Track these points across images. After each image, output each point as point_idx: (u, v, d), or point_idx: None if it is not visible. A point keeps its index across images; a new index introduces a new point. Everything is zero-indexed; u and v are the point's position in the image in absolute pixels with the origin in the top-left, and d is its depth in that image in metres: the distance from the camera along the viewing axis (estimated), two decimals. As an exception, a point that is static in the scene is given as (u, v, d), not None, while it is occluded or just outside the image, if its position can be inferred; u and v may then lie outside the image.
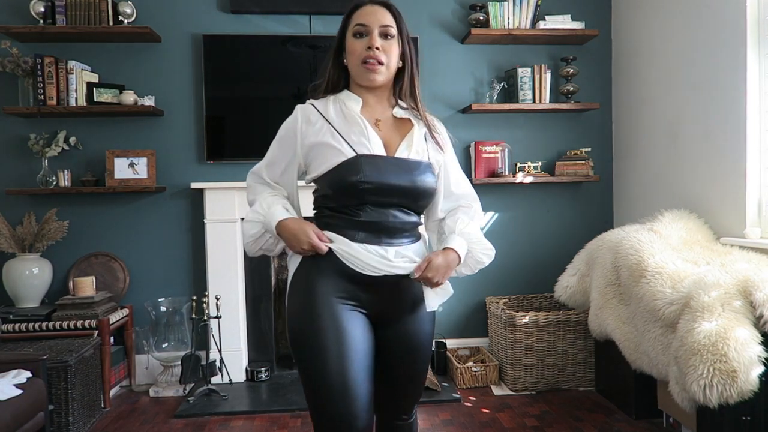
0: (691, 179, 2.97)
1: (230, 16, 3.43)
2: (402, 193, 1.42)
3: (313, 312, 1.38)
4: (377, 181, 1.39)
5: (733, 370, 1.88)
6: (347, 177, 1.39)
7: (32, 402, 2.17)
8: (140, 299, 3.38)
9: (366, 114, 1.48)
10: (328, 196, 1.45)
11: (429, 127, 1.53)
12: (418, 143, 1.49)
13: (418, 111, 1.52)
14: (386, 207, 1.42)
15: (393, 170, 1.42)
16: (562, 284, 3.08)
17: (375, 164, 1.41)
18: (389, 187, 1.41)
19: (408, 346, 1.50)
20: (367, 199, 1.40)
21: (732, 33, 2.64)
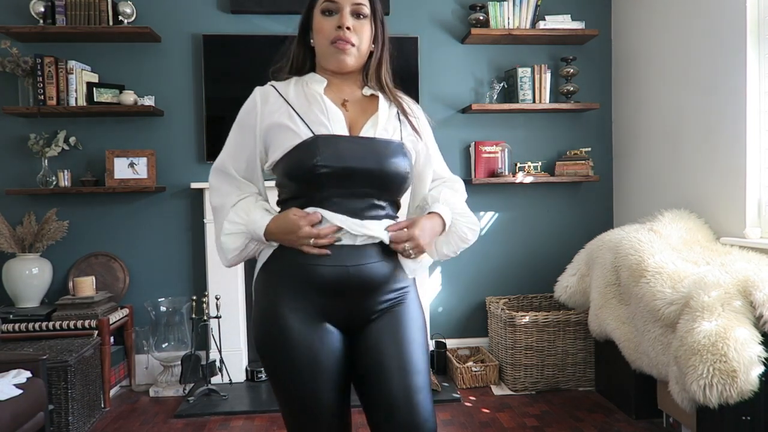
0: (691, 179, 2.97)
1: (230, 16, 3.43)
2: (367, 178, 1.26)
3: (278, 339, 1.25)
4: (337, 165, 1.23)
5: (733, 370, 1.88)
6: (303, 161, 1.23)
7: (32, 402, 2.17)
8: (140, 299, 3.38)
9: (331, 94, 1.33)
10: (286, 187, 1.31)
11: (402, 109, 1.37)
12: (387, 121, 1.33)
13: (387, 93, 1.37)
14: (353, 198, 1.27)
15: (356, 151, 1.25)
16: (562, 284, 3.08)
17: (334, 145, 1.24)
18: (351, 171, 1.24)
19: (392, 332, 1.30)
20: (328, 187, 1.25)
21: (732, 33, 2.64)
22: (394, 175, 1.28)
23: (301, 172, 1.23)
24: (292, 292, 1.27)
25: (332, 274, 1.26)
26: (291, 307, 1.26)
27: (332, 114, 1.29)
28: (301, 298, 1.27)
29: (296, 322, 1.26)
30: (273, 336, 1.27)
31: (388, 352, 1.29)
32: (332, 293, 1.27)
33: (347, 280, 1.26)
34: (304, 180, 1.24)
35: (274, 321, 1.27)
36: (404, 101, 1.40)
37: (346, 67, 1.33)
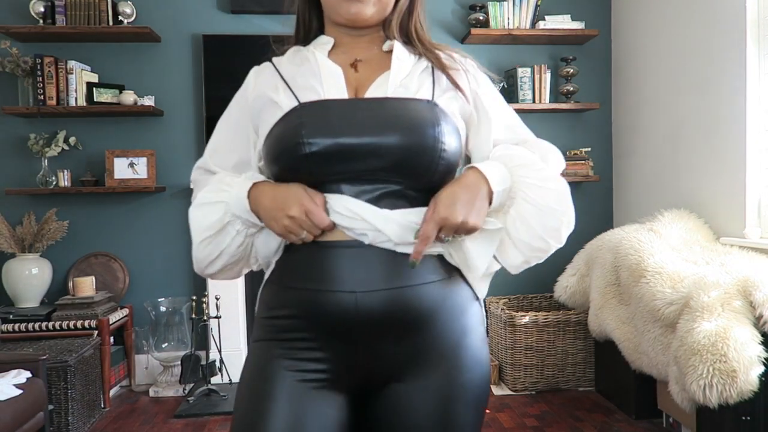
0: (691, 179, 2.97)
1: (230, 16, 3.43)
2: (375, 156, 0.86)
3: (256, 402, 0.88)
4: (328, 141, 0.85)
5: (733, 370, 1.88)
6: (285, 139, 0.88)
7: (32, 402, 2.17)
8: (140, 299, 3.38)
9: (339, 55, 0.98)
10: (272, 179, 0.95)
11: (439, 62, 0.96)
12: (407, 75, 0.94)
13: (416, 46, 0.99)
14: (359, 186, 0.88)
15: (356, 119, 0.87)
16: (562, 284, 3.08)
17: (324, 113, 0.88)
18: (348, 149, 0.85)
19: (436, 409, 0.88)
20: (321, 173, 0.87)
21: (732, 33, 2.64)
22: (417, 149, 0.86)
23: (284, 155, 0.88)
24: (290, 330, 0.90)
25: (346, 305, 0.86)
26: (284, 359, 0.89)
27: (327, 73, 0.93)
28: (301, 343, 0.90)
29: (285, 386, 0.88)
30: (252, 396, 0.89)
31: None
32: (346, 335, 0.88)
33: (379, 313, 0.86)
34: (289, 166, 0.88)
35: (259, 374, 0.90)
36: (444, 52, 0.99)
37: (362, 19, 0.95)
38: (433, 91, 0.93)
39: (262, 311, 0.96)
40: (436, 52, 0.98)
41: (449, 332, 0.90)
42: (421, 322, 0.88)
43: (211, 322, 3.25)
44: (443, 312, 0.89)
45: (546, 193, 0.88)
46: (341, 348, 0.89)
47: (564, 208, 0.89)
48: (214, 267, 0.97)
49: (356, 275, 0.86)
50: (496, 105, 1.01)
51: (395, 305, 0.86)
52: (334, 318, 0.87)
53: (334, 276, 0.87)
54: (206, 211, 0.93)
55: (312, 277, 0.89)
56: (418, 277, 0.87)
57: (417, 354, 0.89)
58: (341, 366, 0.90)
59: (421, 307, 0.87)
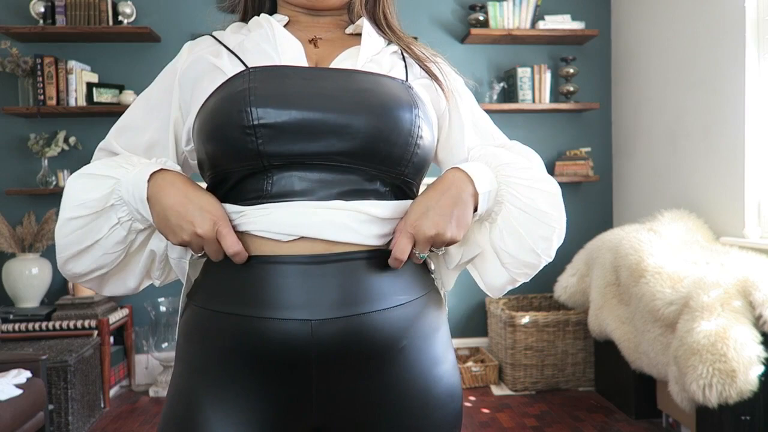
0: (690, 179, 2.97)
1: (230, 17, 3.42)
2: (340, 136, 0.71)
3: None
4: (283, 111, 0.70)
5: (733, 369, 1.89)
6: (225, 109, 0.71)
7: (32, 402, 2.17)
8: (140, 299, 3.38)
9: (295, 32, 0.83)
10: (205, 165, 0.76)
11: (410, 49, 0.85)
12: (377, 55, 0.81)
13: (385, 32, 0.86)
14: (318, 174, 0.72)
15: (319, 90, 0.72)
16: (562, 284, 3.08)
17: (279, 80, 0.73)
18: (309, 124, 0.70)
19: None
20: (271, 155, 0.70)
21: (732, 33, 2.64)
22: (390, 133, 0.71)
23: (224, 128, 0.70)
24: (221, 369, 0.71)
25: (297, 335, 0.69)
26: (214, 410, 0.70)
27: (283, 41, 0.78)
28: (236, 387, 0.71)
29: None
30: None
31: None
32: (296, 374, 0.71)
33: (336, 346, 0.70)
34: (229, 142, 0.70)
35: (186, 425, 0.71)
36: (415, 45, 0.88)
37: (324, 4, 0.84)
38: (407, 74, 0.81)
39: (182, 343, 0.76)
40: (406, 40, 0.86)
41: (419, 364, 0.75)
42: (387, 355, 0.72)
43: (211, 322, 3.25)
44: (412, 340, 0.74)
45: (537, 195, 0.75)
46: (289, 390, 0.71)
47: (557, 214, 0.77)
48: (79, 263, 0.74)
49: (308, 297, 0.69)
50: (471, 107, 0.88)
51: (357, 335, 0.70)
52: (280, 352, 0.69)
53: (280, 299, 0.69)
54: (88, 185, 0.72)
55: (249, 299, 0.70)
56: (385, 300, 0.71)
57: (383, 392, 0.74)
58: (290, 413, 0.72)
59: (388, 336, 0.72)
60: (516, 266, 0.77)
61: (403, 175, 0.75)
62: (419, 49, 0.87)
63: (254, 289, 0.70)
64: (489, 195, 0.75)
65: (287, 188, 0.71)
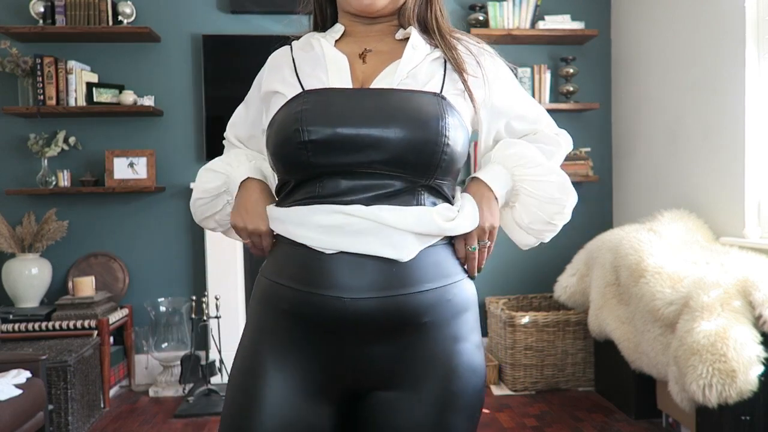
0: (690, 179, 2.97)
1: (230, 16, 3.43)
2: (375, 148, 0.84)
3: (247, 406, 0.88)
4: (327, 129, 0.84)
5: (732, 369, 1.89)
6: (285, 127, 0.87)
7: (32, 402, 2.17)
8: (140, 299, 3.38)
9: (348, 45, 0.96)
10: (277, 172, 0.95)
11: (452, 54, 0.94)
12: (418, 66, 0.92)
13: (434, 36, 0.96)
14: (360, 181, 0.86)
15: (357, 110, 0.86)
16: (562, 284, 3.08)
17: (324, 101, 0.87)
18: (347, 139, 0.84)
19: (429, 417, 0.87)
20: (320, 165, 0.86)
21: (732, 33, 2.64)
22: (419, 143, 0.84)
23: (283, 143, 0.87)
24: (278, 328, 0.90)
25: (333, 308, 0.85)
26: (273, 360, 0.89)
27: (332, 63, 0.92)
28: (290, 345, 0.89)
29: (274, 388, 0.87)
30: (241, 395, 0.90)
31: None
32: (334, 337, 0.87)
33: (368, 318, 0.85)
34: (287, 155, 0.87)
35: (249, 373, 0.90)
36: (461, 42, 0.97)
37: (373, 10, 0.94)
38: (443, 84, 0.91)
39: (253, 305, 0.96)
40: (454, 48, 0.95)
41: (443, 338, 0.88)
42: (412, 327, 0.86)
43: (211, 322, 3.25)
44: (435, 317, 0.87)
45: (547, 186, 0.95)
46: (329, 351, 0.87)
47: (566, 195, 0.95)
48: (207, 224, 1.09)
49: (344, 281, 0.84)
50: (509, 98, 1.00)
51: (386, 311, 0.85)
52: (320, 319, 0.86)
53: (321, 280, 0.85)
54: (210, 177, 1.02)
55: (299, 277, 0.87)
56: (415, 285, 0.85)
57: (409, 360, 0.88)
58: (329, 370, 0.88)
59: (414, 313, 0.86)
60: (536, 232, 0.99)
61: (433, 178, 0.88)
62: (465, 49, 0.96)
63: (303, 271, 0.87)
64: (506, 194, 0.96)
65: (335, 190, 0.86)
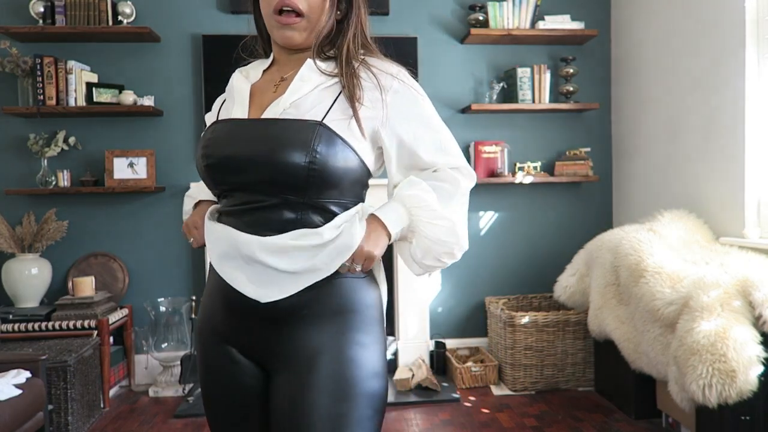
0: (690, 179, 2.97)
1: (230, 16, 3.43)
2: (256, 172, 0.98)
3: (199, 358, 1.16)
4: (219, 155, 1.02)
5: (732, 370, 1.89)
6: (197, 155, 1.09)
7: (31, 402, 2.17)
8: (140, 299, 3.38)
9: (270, 74, 1.13)
10: None
11: (348, 82, 1.03)
12: (306, 94, 1.03)
13: (338, 62, 1.06)
14: (251, 200, 1.01)
15: (242, 137, 1.01)
16: (562, 284, 3.09)
17: (221, 131, 1.05)
18: (232, 162, 1.00)
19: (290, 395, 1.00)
20: (221, 184, 1.05)
21: (732, 33, 2.64)
22: (285, 166, 0.96)
23: (198, 167, 1.08)
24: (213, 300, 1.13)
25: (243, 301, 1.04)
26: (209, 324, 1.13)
27: (237, 94, 1.09)
28: (219, 312, 1.10)
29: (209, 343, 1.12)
30: (197, 353, 1.18)
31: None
32: (238, 315, 1.07)
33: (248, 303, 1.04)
34: (202, 176, 1.08)
35: (198, 335, 1.17)
36: (370, 69, 1.05)
37: (292, 44, 1.08)
38: (328, 111, 1.01)
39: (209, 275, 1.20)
40: (355, 76, 1.03)
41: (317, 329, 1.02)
42: (290, 318, 1.02)
43: (211, 322, 3.25)
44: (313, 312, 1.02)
45: (437, 230, 1.03)
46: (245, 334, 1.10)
47: (454, 239, 1.04)
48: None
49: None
50: (412, 130, 1.06)
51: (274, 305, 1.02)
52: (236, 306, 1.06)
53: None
54: (187, 202, 1.26)
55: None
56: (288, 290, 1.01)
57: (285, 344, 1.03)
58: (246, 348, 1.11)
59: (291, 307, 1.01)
60: (426, 268, 1.08)
61: (309, 196, 1.00)
62: (370, 77, 1.04)
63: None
64: (400, 231, 1.05)
65: (230, 206, 1.04)
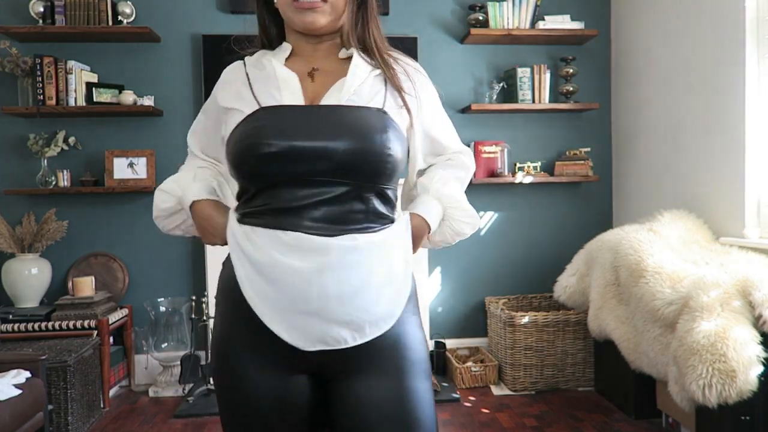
0: (690, 179, 2.97)
1: (230, 16, 3.43)
2: (327, 160, 0.93)
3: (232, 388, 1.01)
4: (282, 142, 0.93)
5: (732, 369, 1.89)
6: (244, 142, 0.95)
7: (31, 402, 2.17)
8: (139, 299, 3.38)
9: (297, 64, 1.05)
10: (236, 183, 1.04)
11: (389, 70, 1.05)
12: (362, 83, 1.01)
13: (374, 53, 1.06)
14: (310, 189, 0.94)
15: (308, 125, 0.95)
16: (562, 284, 3.08)
17: (280, 118, 0.96)
18: (300, 152, 0.93)
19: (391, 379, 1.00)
20: (277, 175, 0.95)
21: (731, 33, 2.64)
22: (365, 153, 0.94)
23: (243, 155, 0.95)
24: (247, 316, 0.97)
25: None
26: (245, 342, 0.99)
27: (283, 82, 1.00)
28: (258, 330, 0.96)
29: (253, 369, 0.99)
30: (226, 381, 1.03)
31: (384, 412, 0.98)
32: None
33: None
34: (248, 166, 0.95)
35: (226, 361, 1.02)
36: (398, 61, 1.08)
37: (316, 28, 1.02)
38: (385, 99, 1.01)
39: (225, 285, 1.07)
40: (391, 67, 1.05)
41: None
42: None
43: (211, 322, 3.25)
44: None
45: (465, 227, 1.15)
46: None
47: (471, 230, 1.17)
48: (174, 233, 1.16)
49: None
50: (434, 118, 1.17)
51: None
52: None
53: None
54: (164, 198, 1.11)
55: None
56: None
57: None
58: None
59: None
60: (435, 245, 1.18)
61: (378, 184, 0.97)
62: (402, 71, 1.07)
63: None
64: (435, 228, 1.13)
65: (287, 202, 0.94)
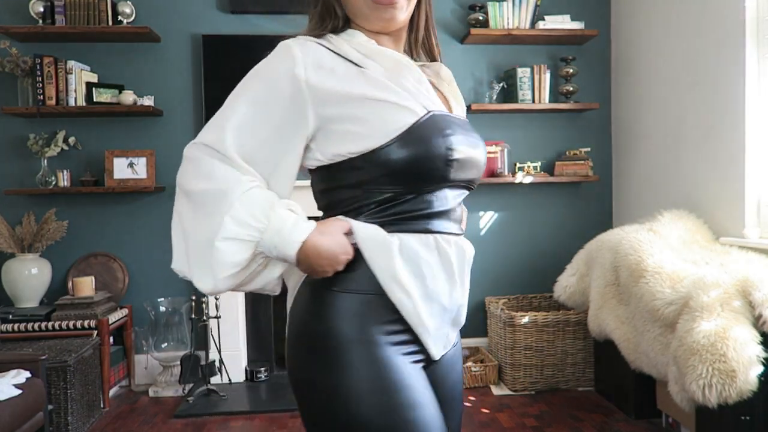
0: (690, 179, 2.97)
1: (230, 16, 3.43)
2: (477, 167, 1.00)
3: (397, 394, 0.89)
4: (466, 152, 0.95)
5: (732, 370, 1.88)
6: (430, 144, 0.89)
7: (31, 402, 2.17)
8: (139, 299, 3.38)
9: None
10: (379, 182, 0.90)
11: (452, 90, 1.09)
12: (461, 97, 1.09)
13: (433, 57, 1.09)
14: (460, 194, 1.00)
15: (468, 136, 0.98)
16: (562, 284, 3.08)
17: (448, 123, 0.93)
18: (474, 157, 0.97)
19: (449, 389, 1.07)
20: (451, 182, 0.95)
21: (732, 33, 2.64)
22: (485, 161, 1.04)
23: (428, 158, 0.89)
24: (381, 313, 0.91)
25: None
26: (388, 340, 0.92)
27: (422, 84, 0.96)
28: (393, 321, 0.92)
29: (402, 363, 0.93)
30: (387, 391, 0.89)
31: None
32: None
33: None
34: (430, 170, 0.90)
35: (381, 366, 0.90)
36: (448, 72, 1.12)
37: (395, 24, 0.97)
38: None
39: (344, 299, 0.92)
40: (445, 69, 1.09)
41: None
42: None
43: (211, 322, 3.25)
44: None
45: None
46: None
47: None
48: (224, 290, 0.94)
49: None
50: None
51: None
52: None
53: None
54: (237, 247, 0.86)
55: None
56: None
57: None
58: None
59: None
60: None
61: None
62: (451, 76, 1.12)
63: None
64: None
65: (442, 206, 0.94)
